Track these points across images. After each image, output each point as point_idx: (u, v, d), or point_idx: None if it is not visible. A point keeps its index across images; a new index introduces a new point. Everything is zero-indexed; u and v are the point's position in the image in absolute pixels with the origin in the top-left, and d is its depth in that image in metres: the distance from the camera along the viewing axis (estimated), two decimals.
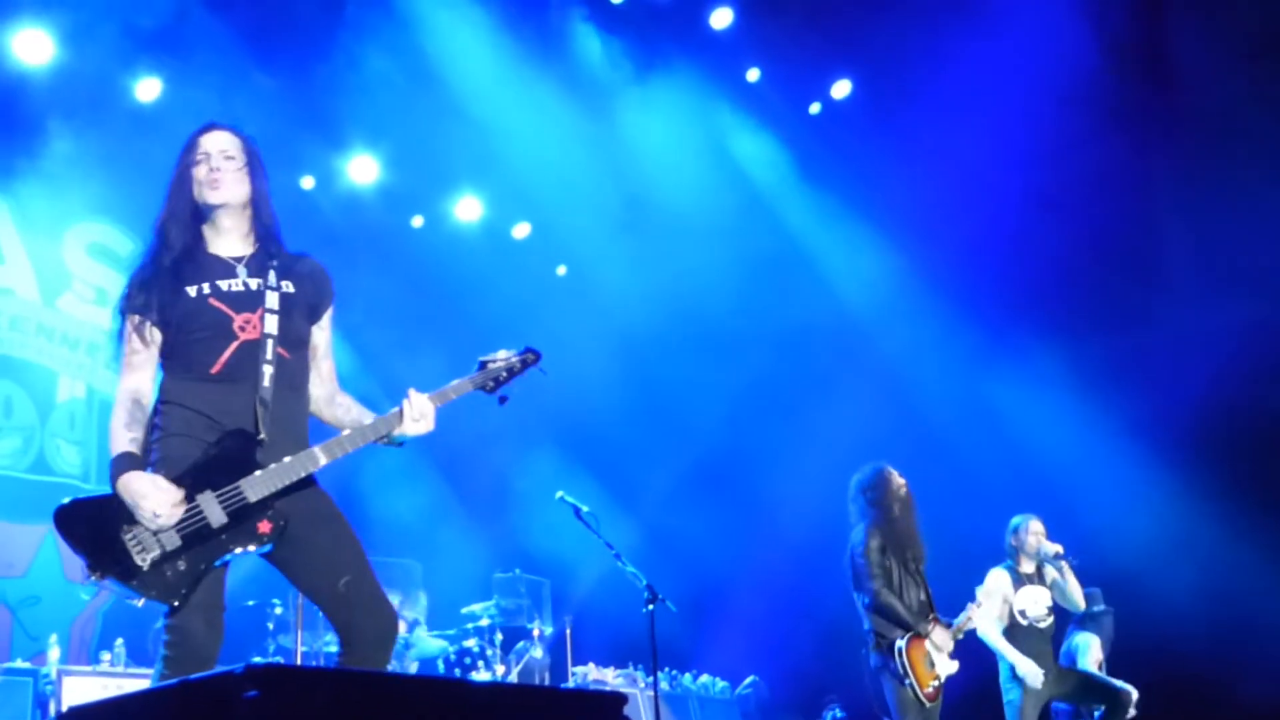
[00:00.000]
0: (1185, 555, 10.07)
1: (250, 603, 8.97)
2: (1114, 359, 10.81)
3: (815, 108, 12.46)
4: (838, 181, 12.09)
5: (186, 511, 3.91)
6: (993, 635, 7.93)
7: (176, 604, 3.90)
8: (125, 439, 4.01)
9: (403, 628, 9.58)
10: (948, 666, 7.51)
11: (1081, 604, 8.24)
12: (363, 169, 11.44)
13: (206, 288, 4.17)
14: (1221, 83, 10.47)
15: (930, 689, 7.39)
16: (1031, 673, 7.83)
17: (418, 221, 12.35)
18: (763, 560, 11.94)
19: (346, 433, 4.18)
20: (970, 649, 7.81)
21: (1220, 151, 10.51)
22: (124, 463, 3.96)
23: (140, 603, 3.89)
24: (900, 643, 7.36)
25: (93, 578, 3.86)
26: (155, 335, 4.15)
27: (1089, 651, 9.32)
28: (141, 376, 4.12)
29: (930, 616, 7.52)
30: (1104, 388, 10.72)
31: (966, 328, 11.29)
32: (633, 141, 11.76)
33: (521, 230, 12.73)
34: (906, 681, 7.31)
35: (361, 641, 4.12)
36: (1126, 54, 10.72)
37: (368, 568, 4.19)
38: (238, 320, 4.15)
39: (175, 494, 3.90)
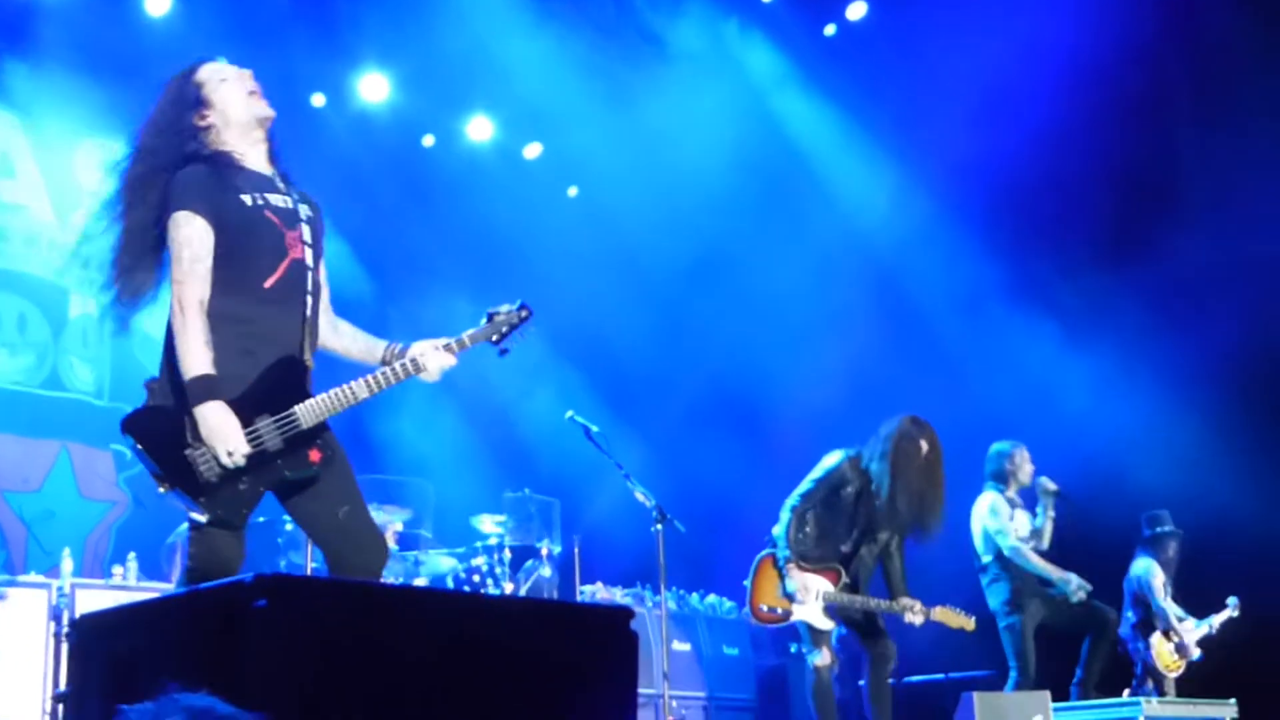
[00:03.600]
0: (1211, 492, 9.99)
1: (260, 519, 9.01)
2: (1135, 294, 10.69)
3: (830, 29, 12.31)
4: (854, 107, 11.94)
5: (248, 435, 3.91)
6: (1032, 558, 7.94)
7: (237, 523, 3.92)
8: (206, 358, 3.88)
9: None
10: (811, 614, 7.13)
11: (1047, 543, 8.24)
12: (374, 87, 11.37)
13: (260, 199, 4.05)
14: (1244, 19, 10.32)
15: (764, 609, 7.24)
16: (1070, 579, 7.89)
17: (429, 141, 12.29)
18: (772, 481, 11.92)
19: (384, 369, 4.22)
20: (959, 583, 7.78)
21: (1241, 84, 10.38)
22: (206, 388, 3.86)
23: (204, 518, 3.87)
24: (763, 553, 7.35)
25: (161, 489, 3.86)
26: (211, 242, 3.97)
27: (1155, 575, 9.14)
28: (206, 288, 3.95)
29: (822, 567, 7.21)
30: (1123, 323, 10.63)
31: (984, 259, 11.17)
32: (644, 62, 11.63)
33: (533, 150, 12.65)
34: (744, 582, 7.32)
35: (353, 571, 4.10)
36: None
37: (362, 500, 4.22)
38: (289, 236, 4.08)
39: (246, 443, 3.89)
